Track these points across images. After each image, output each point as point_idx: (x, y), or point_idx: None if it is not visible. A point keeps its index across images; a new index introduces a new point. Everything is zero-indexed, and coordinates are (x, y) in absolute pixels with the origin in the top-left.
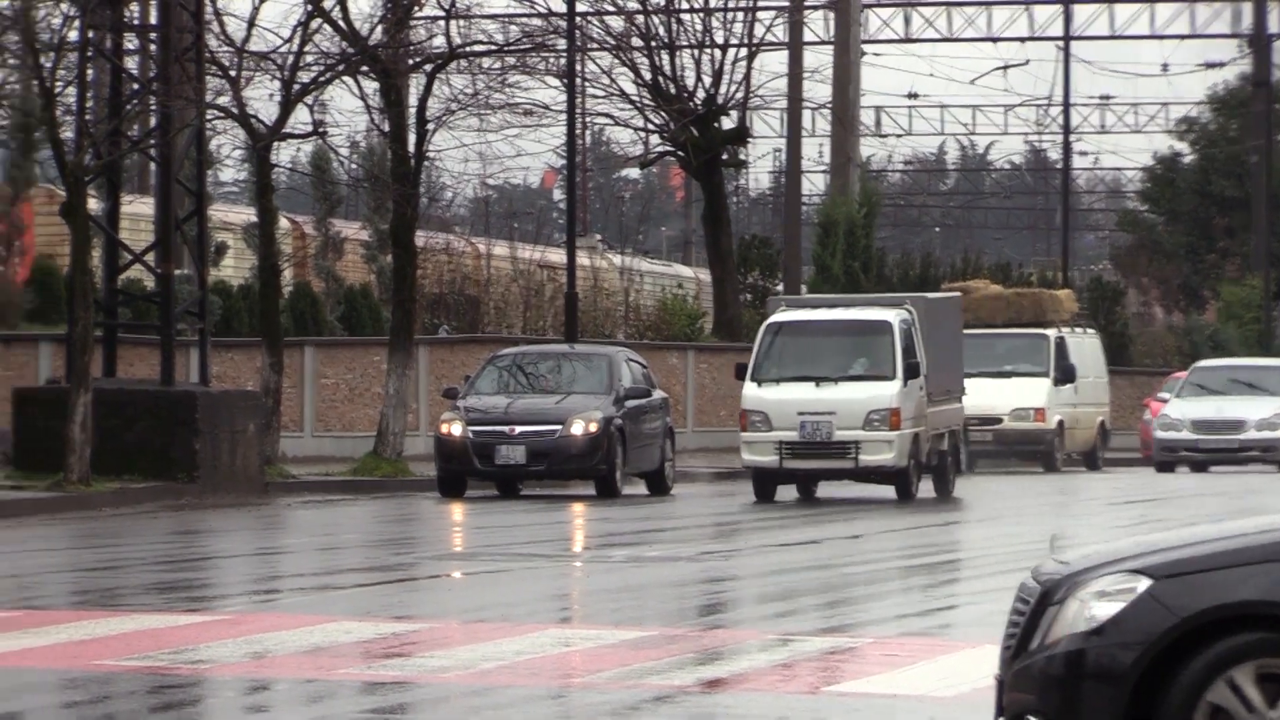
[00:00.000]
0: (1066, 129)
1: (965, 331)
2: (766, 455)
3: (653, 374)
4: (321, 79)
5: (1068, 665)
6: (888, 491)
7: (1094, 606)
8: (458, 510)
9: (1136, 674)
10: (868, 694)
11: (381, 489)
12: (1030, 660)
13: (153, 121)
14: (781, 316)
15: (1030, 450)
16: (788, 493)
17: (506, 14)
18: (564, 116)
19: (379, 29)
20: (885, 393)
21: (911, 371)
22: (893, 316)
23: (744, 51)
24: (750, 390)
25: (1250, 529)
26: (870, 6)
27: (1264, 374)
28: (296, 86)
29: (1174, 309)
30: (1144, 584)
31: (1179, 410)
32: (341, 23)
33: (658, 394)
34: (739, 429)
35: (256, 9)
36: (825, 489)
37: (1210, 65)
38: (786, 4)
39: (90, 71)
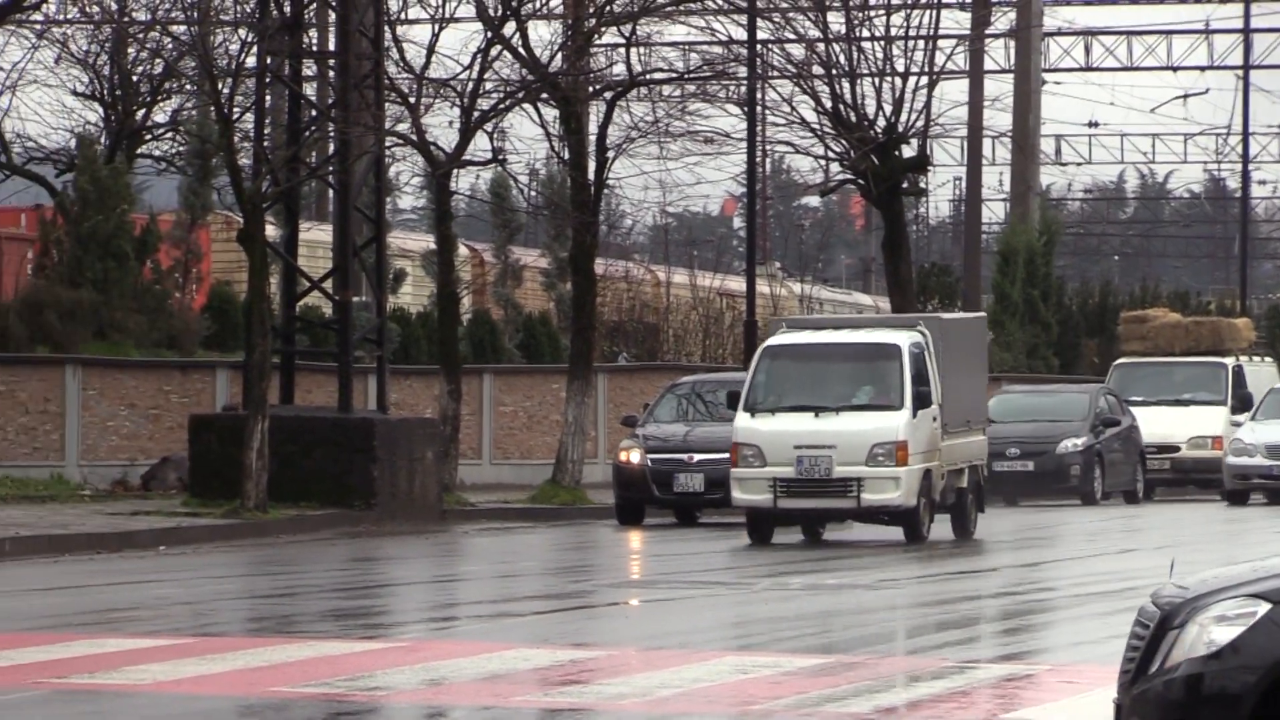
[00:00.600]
0: (1245, 158)
1: (1144, 360)
2: (759, 493)
3: None
4: (501, 106)
5: (1187, 689)
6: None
7: (1213, 631)
8: (635, 538)
9: (1255, 698)
10: None
11: (559, 516)
12: (1149, 684)
13: (331, 148)
14: (779, 339)
15: (1207, 478)
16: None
17: (687, 41)
18: (744, 144)
19: (559, 56)
20: (891, 424)
21: (922, 400)
22: (903, 339)
23: (925, 80)
24: (742, 421)
25: None
26: (1050, 35)
27: None
28: (476, 113)
29: None
30: (1264, 608)
31: (1253, 435)
32: (521, 50)
33: None
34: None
35: (436, 36)
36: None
37: None
38: (967, 33)
39: (268, 98)
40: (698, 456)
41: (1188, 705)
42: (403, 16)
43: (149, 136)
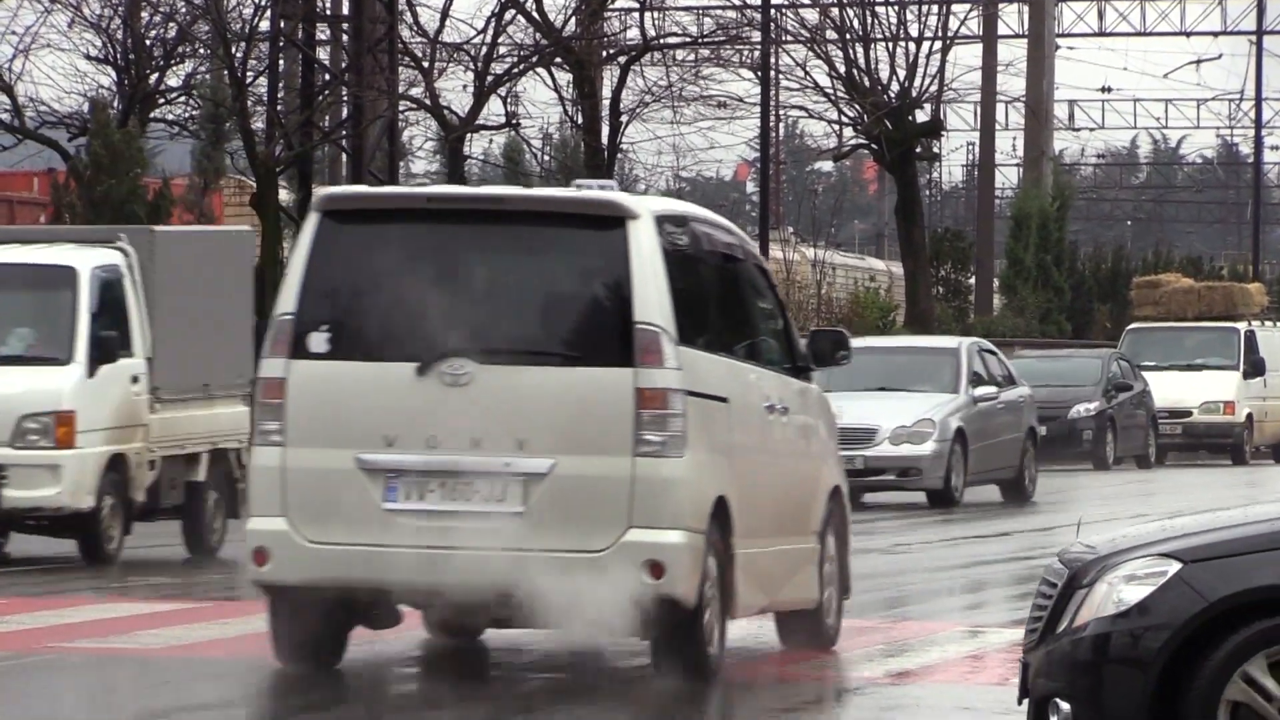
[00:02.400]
0: (1259, 123)
1: (1156, 324)
2: None
3: None
4: (515, 70)
5: (1095, 648)
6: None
7: (1123, 590)
8: None
9: (1165, 658)
10: None
11: None
12: (1057, 643)
13: (345, 112)
14: None
15: (1219, 443)
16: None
17: (700, 5)
18: (758, 109)
19: (573, 20)
20: (51, 386)
21: (106, 351)
22: (83, 261)
23: (938, 45)
24: None
25: (1278, 513)
26: (1064, 0)
27: None
28: (490, 78)
29: None
30: (1174, 568)
31: None
32: (535, 14)
33: None
34: None
35: (450, 0)
36: None
37: None
38: None
39: (282, 62)
40: None
41: (1095, 665)
42: None
43: (162, 101)
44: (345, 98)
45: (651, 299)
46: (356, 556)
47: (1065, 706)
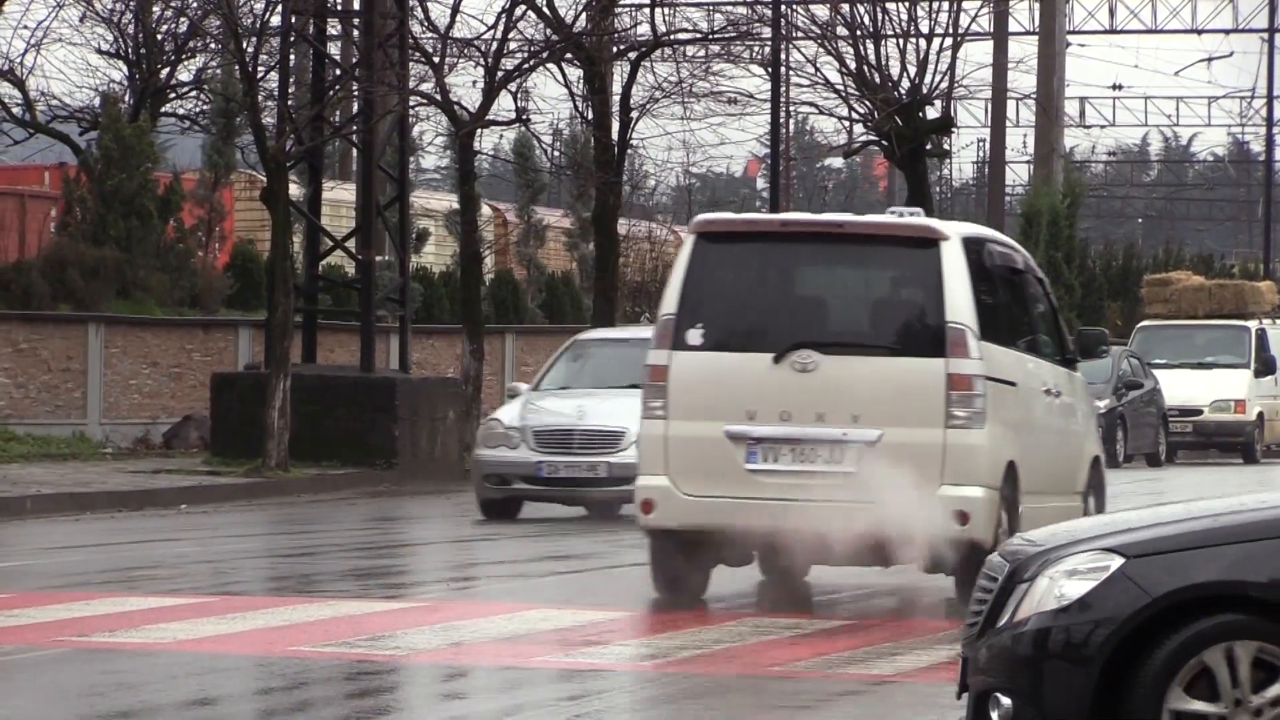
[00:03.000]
0: (1270, 121)
1: (1167, 322)
2: None
3: None
4: (525, 66)
5: (1036, 644)
6: None
7: (1065, 585)
8: None
9: (1107, 653)
10: None
11: None
12: (997, 638)
13: (355, 107)
14: None
15: (1230, 441)
16: None
17: (711, 2)
18: (768, 105)
19: (583, 16)
20: None
21: None
22: None
23: (949, 41)
24: None
25: (1221, 509)
26: None
27: None
28: (500, 73)
29: None
30: (1116, 563)
31: None
32: (546, 9)
33: None
34: None
35: None
36: None
37: None
38: None
39: (293, 57)
40: None
41: (1036, 660)
42: None
43: (173, 95)
44: (356, 93)
45: (959, 303)
46: (723, 506)
47: (1006, 701)
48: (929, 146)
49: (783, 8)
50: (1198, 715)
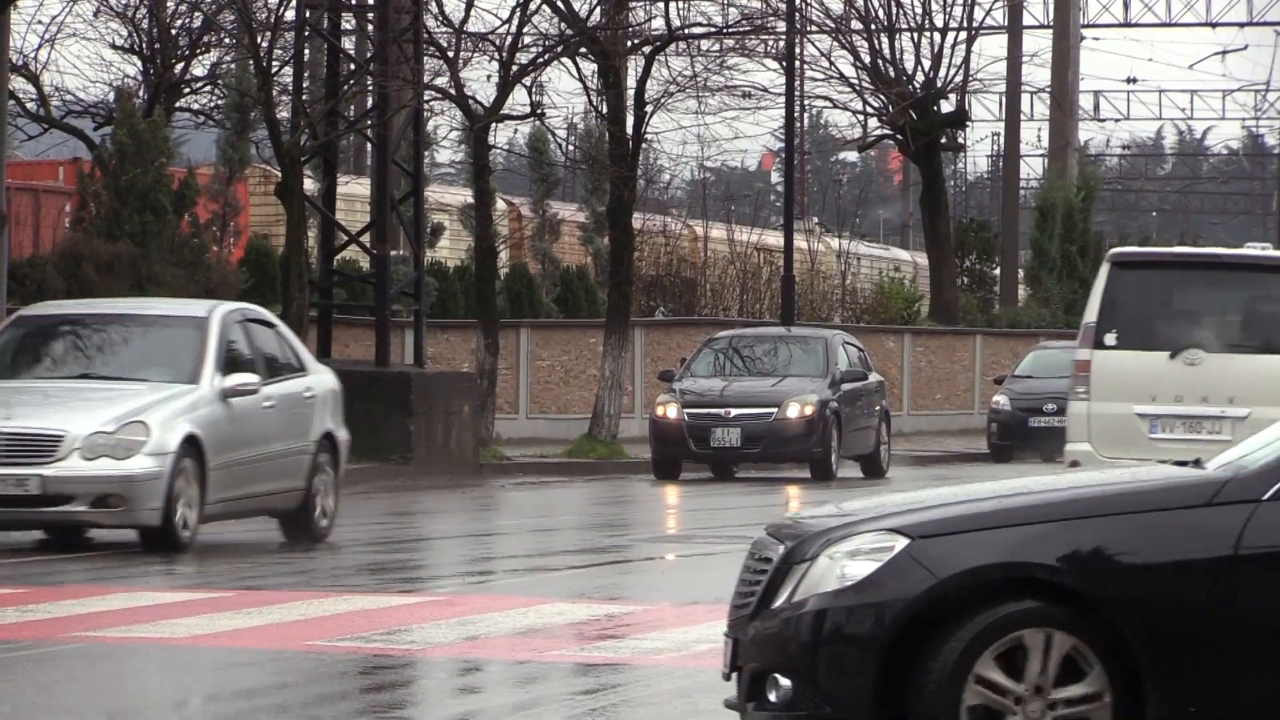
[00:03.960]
0: None
1: None
2: None
3: (869, 357)
4: (540, 60)
5: (816, 625)
6: None
7: (847, 565)
8: (672, 493)
9: (892, 635)
10: None
11: (595, 471)
12: (770, 621)
13: (370, 102)
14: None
15: None
16: None
17: None
18: (782, 99)
19: (597, 10)
20: None
21: None
22: None
23: (963, 35)
24: None
25: (1007, 490)
26: None
27: None
28: (515, 67)
29: None
30: (901, 543)
31: None
32: (560, 3)
33: (874, 377)
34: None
35: None
36: None
37: None
38: None
39: (307, 51)
40: (735, 411)
41: (813, 644)
42: None
43: (187, 90)
44: (370, 87)
45: None
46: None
47: (785, 682)
48: (943, 140)
49: (797, 1)
50: (1000, 691)
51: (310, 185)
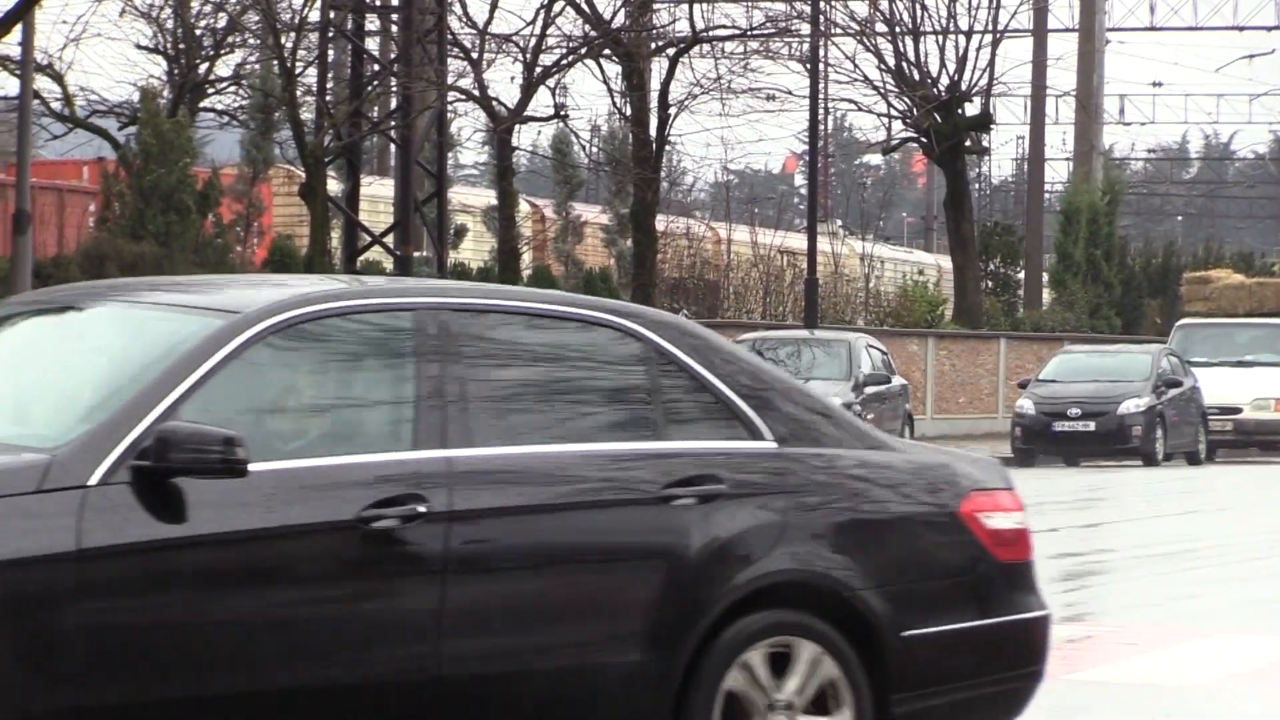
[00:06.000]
0: None
1: (1207, 320)
2: None
3: (892, 360)
4: (564, 62)
5: None
6: None
7: None
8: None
9: None
10: (1104, 682)
11: None
12: None
13: (393, 103)
14: None
15: (1270, 440)
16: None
17: None
18: (806, 101)
19: (622, 12)
20: None
21: None
22: None
23: (988, 38)
24: None
25: None
26: None
27: None
28: (538, 69)
29: None
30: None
31: None
32: (584, 5)
33: (897, 381)
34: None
35: None
36: None
37: None
38: None
39: (331, 52)
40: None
41: None
42: None
43: (212, 90)
44: (394, 88)
45: None
46: None
47: None
48: (968, 143)
49: (821, 4)
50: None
51: (334, 186)
